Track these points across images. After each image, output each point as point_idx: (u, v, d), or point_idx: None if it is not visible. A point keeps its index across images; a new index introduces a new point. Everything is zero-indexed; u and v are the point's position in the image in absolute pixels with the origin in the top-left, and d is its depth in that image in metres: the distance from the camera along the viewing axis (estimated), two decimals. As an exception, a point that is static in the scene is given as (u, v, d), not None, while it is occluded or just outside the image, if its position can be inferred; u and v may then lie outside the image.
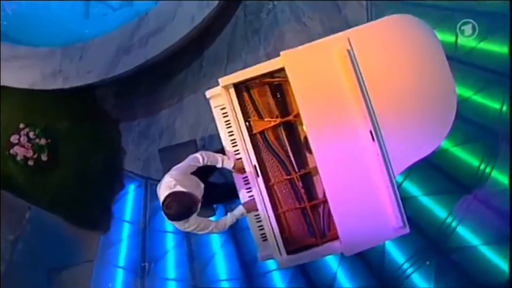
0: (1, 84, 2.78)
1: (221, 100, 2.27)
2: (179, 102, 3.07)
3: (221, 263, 2.99)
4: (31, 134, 2.83)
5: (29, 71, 2.80)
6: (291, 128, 2.28)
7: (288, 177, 2.24)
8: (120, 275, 3.09)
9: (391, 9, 2.88)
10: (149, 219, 3.08)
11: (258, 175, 2.20)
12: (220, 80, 2.18)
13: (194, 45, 2.96)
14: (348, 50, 2.06)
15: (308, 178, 2.27)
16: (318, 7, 3.01)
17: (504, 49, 2.77)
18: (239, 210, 2.25)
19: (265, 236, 2.26)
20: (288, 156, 2.26)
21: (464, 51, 2.85)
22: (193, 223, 2.06)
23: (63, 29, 2.97)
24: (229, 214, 2.26)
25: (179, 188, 1.94)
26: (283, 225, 2.25)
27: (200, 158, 2.18)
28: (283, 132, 2.26)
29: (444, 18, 2.88)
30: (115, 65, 2.71)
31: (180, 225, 2.06)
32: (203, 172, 2.39)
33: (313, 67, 2.11)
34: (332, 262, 2.86)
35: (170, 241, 3.06)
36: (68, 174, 2.95)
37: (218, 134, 2.36)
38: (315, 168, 2.16)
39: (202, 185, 2.24)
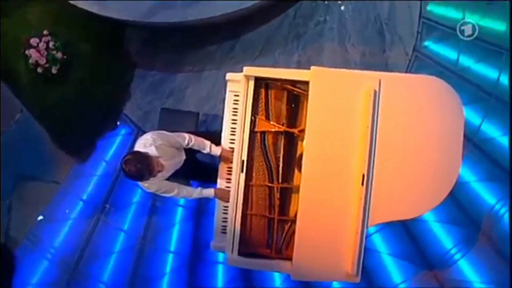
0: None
1: (238, 87, 2.27)
2: (199, 72, 3.06)
3: (175, 235, 3.02)
4: (51, 44, 2.81)
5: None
6: (292, 140, 2.27)
7: (270, 184, 2.24)
8: (79, 207, 3.10)
9: (431, 69, 2.88)
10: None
11: (242, 171, 2.20)
12: (245, 68, 2.17)
13: (235, 25, 2.94)
14: (375, 91, 2.04)
15: (287, 193, 2.27)
16: (365, 39, 3.00)
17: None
18: (209, 192, 2.27)
19: (225, 229, 2.27)
20: (278, 165, 2.26)
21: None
22: (153, 187, 2.09)
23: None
24: (199, 188, 2.28)
25: (151, 150, 1.93)
26: (246, 226, 2.25)
27: (186, 139, 2.17)
28: (282, 141, 2.26)
29: (479, 98, 2.86)
30: (153, 14, 2.69)
31: (141, 184, 2.07)
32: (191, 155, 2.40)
33: (336, 93, 2.10)
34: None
35: (136, 195, 3.07)
36: (69, 94, 2.94)
37: (222, 117, 2.35)
38: (298, 187, 2.16)
39: (183, 158, 2.26)
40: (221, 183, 2.35)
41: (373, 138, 2.03)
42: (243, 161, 2.20)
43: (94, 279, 2.92)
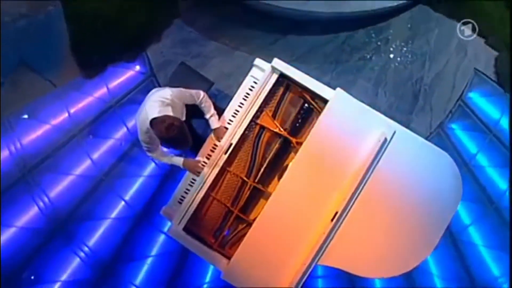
0: None
1: (260, 74, 2.21)
2: (232, 49, 3.02)
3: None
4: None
5: None
6: (286, 148, 2.20)
7: (245, 178, 2.16)
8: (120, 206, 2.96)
9: (450, 144, 2.82)
10: (125, 102, 3.02)
11: (226, 153, 2.13)
12: (275, 59, 2.12)
13: (289, 22, 2.92)
14: (385, 139, 1.97)
15: (257, 195, 2.19)
16: (398, 93, 2.96)
17: None
18: (178, 160, 2.20)
19: (182, 200, 2.18)
20: (261, 165, 2.18)
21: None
22: (147, 140, 2.07)
23: None
24: (171, 155, 2.22)
25: (168, 109, 1.95)
26: (203, 206, 2.17)
27: (201, 97, 2.18)
28: (277, 144, 2.19)
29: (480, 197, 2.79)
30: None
31: (141, 134, 2.04)
32: (193, 112, 2.35)
33: (348, 123, 2.03)
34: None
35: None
36: (107, 9, 2.92)
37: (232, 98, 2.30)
38: (270, 194, 2.08)
39: (183, 119, 2.20)
40: (200, 155, 2.28)
41: (362, 182, 1.95)
42: (231, 143, 2.13)
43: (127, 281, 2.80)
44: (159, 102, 1.99)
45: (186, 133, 1.91)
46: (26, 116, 3.01)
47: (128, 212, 2.94)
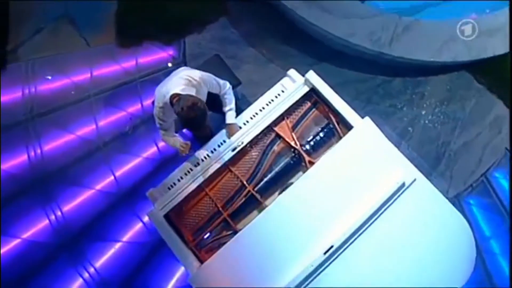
0: None
1: (290, 85, 2.13)
2: (268, 60, 3.00)
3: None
4: None
5: None
6: (296, 164, 2.05)
7: (245, 183, 2.00)
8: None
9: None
10: (147, 80, 3.00)
11: (233, 150, 2.00)
12: (310, 71, 2.05)
13: (340, 51, 2.92)
14: (403, 183, 1.82)
15: (252, 204, 2.02)
16: (422, 151, 2.85)
17: None
18: (179, 142, 2.07)
19: (172, 188, 2.03)
20: (265, 175, 2.03)
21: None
22: (161, 116, 1.98)
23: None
24: (179, 137, 2.13)
25: (192, 90, 1.88)
26: (192, 199, 2.00)
27: (227, 87, 2.12)
28: (288, 158, 2.05)
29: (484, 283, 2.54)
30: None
31: (156, 107, 1.97)
32: (211, 105, 2.27)
33: (368, 155, 1.90)
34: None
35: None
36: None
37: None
38: (265, 207, 1.92)
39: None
40: (205, 149, 2.15)
41: (369, 222, 1.77)
42: (242, 142, 2.01)
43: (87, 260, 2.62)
44: (186, 80, 1.92)
45: (207, 117, 1.82)
46: (49, 77, 3.01)
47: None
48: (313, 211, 1.84)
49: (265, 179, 2.02)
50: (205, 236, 1.99)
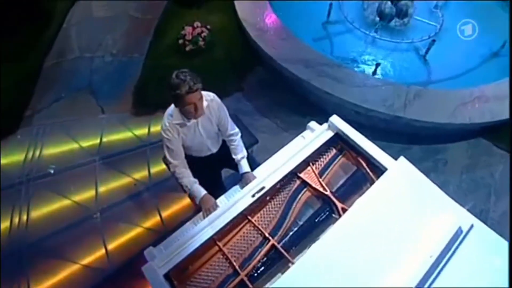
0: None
1: (310, 134, 2.03)
2: (283, 130, 3.01)
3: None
4: (203, 34, 3.30)
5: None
6: (327, 215, 1.74)
7: (267, 235, 1.66)
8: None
9: None
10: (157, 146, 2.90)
11: (253, 196, 1.73)
12: (334, 116, 1.97)
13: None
14: (460, 228, 1.50)
15: (277, 263, 1.61)
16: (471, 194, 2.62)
17: None
18: (198, 191, 1.89)
19: (177, 241, 1.67)
20: (290, 228, 1.70)
21: None
22: (169, 141, 1.87)
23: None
24: (194, 180, 1.91)
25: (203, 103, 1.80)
26: (200, 257, 1.62)
27: (235, 130, 2.07)
28: (317, 207, 1.76)
29: None
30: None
31: (162, 132, 1.88)
32: (223, 161, 2.13)
33: (410, 200, 1.62)
34: None
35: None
36: (180, 63, 3.19)
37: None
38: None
39: (211, 152, 2.07)
40: (221, 201, 1.89)
41: (431, 274, 1.38)
42: (263, 187, 1.76)
43: None
44: (204, 93, 1.83)
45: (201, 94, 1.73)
46: (52, 171, 2.94)
47: None
48: (355, 264, 1.46)
49: (291, 233, 1.69)
50: (217, 307, 1.53)
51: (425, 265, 1.39)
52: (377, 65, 3.19)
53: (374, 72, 3.19)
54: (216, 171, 2.26)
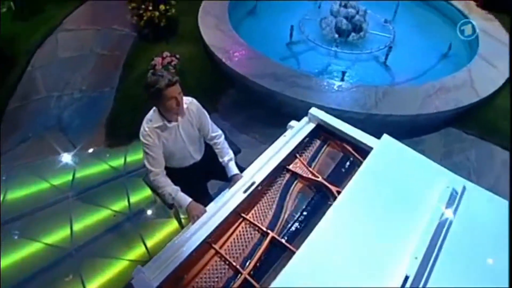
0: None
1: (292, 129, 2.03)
2: (262, 143, 2.97)
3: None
4: (173, 63, 3.36)
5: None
6: (323, 201, 1.68)
7: (265, 230, 1.56)
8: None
9: None
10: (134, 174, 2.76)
11: (245, 192, 1.65)
12: (313, 108, 2.00)
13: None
14: (454, 189, 1.50)
15: (279, 256, 1.49)
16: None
17: None
18: (184, 199, 1.77)
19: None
20: (287, 221, 1.62)
21: None
22: (149, 147, 1.79)
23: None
24: (177, 188, 1.79)
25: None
26: (196, 261, 1.47)
27: (218, 132, 2.04)
28: (310, 195, 1.71)
29: None
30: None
31: (141, 136, 1.82)
32: (210, 172, 2.07)
33: (401, 171, 1.63)
34: None
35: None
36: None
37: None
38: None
39: (193, 161, 2.01)
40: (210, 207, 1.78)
41: (437, 240, 1.33)
42: (253, 182, 1.69)
43: None
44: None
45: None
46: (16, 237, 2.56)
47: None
48: (359, 242, 1.38)
49: (290, 224, 1.60)
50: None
51: (429, 231, 1.35)
52: (343, 73, 3.37)
53: (342, 79, 3.35)
54: (201, 183, 2.16)
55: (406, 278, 1.22)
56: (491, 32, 3.65)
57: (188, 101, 1.86)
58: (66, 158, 2.86)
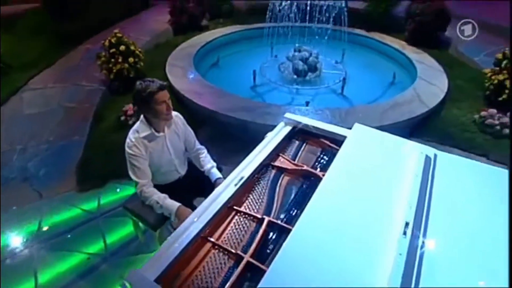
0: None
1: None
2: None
3: None
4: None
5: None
6: (312, 185, 1.69)
7: (261, 217, 1.52)
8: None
9: None
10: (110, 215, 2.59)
11: (236, 185, 1.64)
12: (286, 113, 2.14)
13: None
14: (427, 155, 1.63)
15: (282, 235, 1.44)
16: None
17: None
18: (172, 205, 1.75)
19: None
20: (281, 206, 1.61)
21: None
22: (133, 149, 1.80)
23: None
24: (164, 195, 1.71)
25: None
26: (192, 256, 1.38)
27: (202, 147, 2.15)
28: (299, 184, 1.73)
29: None
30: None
31: (128, 137, 1.84)
32: (195, 186, 2.06)
33: (378, 151, 1.75)
34: None
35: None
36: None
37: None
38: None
39: (179, 175, 2.05)
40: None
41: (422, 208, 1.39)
42: (242, 177, 1.69)
43: None
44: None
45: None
46: None
47: None
48: (354, 210, 1.41)
49: (284, 209, 1.59)
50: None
51: (412, 200, 1.41)
52: (307, 102, 3.67)
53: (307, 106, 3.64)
54: (187, 199, 2.09)
55: (407, 224, 1.25)
56: (423, 60, 4.35)
57: (174, 114, 1.93)
58: (31, 208, 2.63)
